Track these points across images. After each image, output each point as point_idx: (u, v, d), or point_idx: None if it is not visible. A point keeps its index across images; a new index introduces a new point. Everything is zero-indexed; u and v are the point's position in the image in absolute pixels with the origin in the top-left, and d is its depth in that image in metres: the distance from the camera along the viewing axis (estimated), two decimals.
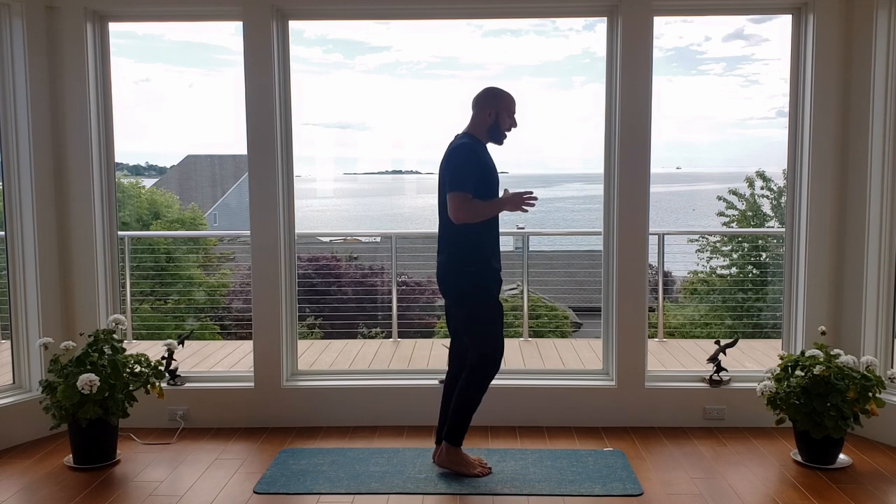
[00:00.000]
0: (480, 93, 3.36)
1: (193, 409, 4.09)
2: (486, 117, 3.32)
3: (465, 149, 3.25)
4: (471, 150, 3.25)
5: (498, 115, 3.32)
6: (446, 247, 3.34)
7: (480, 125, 3.34)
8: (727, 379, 4.10)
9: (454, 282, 3.32)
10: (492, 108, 3.31)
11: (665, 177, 61.43)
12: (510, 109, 3.34)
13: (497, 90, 3.36)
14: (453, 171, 3.21)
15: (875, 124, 3.74)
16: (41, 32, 3.87)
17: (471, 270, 3.27)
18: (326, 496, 3.21)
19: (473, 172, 3.21)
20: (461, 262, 3.28)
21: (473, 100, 3.36)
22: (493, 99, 3.33)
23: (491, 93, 3.35)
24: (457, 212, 3.17)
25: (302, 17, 4.10)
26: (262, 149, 3.98)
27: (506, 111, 3.33)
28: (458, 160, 3.23)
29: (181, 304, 9.74)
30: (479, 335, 3.32)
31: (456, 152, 3.26)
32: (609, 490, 3.24)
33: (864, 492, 3.22)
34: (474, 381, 3.33)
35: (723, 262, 11.73)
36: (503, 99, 3.33)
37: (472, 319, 3.32)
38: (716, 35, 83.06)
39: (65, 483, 3.37)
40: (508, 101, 3.34)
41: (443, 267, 3.35)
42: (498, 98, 3.33)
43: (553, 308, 9.48)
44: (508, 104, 3.34)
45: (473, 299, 3.30)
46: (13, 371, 3.98)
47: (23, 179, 3.88)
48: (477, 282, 3.28)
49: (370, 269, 9.90)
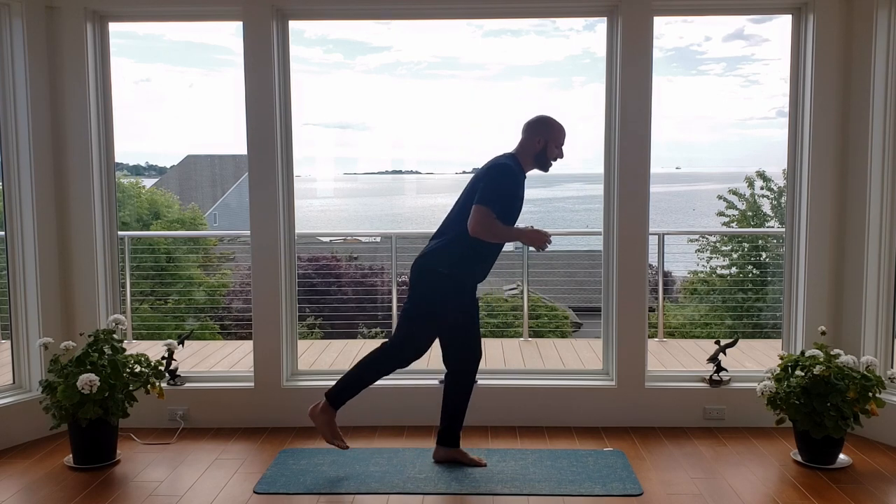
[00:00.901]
0: (533, 119, 3.41)
1: (193, 409, 4.09)
2: (535, 144, 3.36)
3: (507, 171, 3.28)
4: (513, 174, 3.29)
5: (546, 144, 3.37)
6: (442, 239, 3.35)
7: (528, 150, 3.38)
8: (727, 379, 4.10)
9: (423, 270, 3.33)
10: (541, 136, 3.36)
11: (665, 177, 61.40)
12: (559, 140, 3.40)
13: (550, 119, 3.40)
14: (488, 185, 3.23)
15: (875, 124, 3.74)
16: (41, 32, 3.87)
17: (443, 273, 3.29)
18: (326, 496, 3.21)
19: (505, 196, 3.26)
20: (443, 260, 3.30)
21: (525, 124, 3.41)
22: (545, 127, 3.38)
23: (543, 121, 3.39)
24: (476, 224, 3.18)
25: (302, 17, 4.10)
26: (262, 149, 3.98)
27: (554, 141, 3.38)
28: (497, 178, 3.26)
29: (181, 304, 9.75)
30: (405, 328, 3.38)
31: (498, 170, 3.29)
32: (609, 490, 3.24)
33: (864, 492, 3.22)
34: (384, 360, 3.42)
35: (723, 262, 11.74)
36: (554, 129, 3.38)
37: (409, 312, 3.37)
38: (716, 35, 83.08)
39: (65, 483, 3.37)
40: (558, 132, 3.39)
41: (429, 251, 3.36)
42: (549, 128, 3.38)
43: (553, 308, 9.49)
44: (558, 135, 3.39)
45: (424, 298, 3.33)
46: (13, 371, 3.98)
47: (23, 179, 3.88)
48: (442, 285, 3.30)
49: (370, 269, 9.91)
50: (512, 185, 3.28)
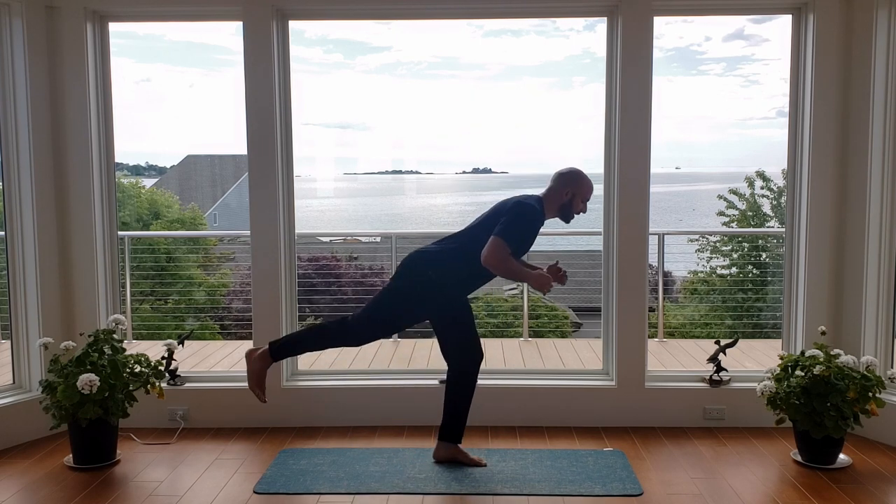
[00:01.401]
0: (566, 170, 3.47)
1: (193, 409, 4.09)
2: (563, 195, 3.44)
3: (532, 214, 3.35)
4: (536, 219, 3.37)
5: (574, 197, 3.44)
6: (446, 246, 3.41)
7: (555, 199, 3.45)
8: (727, 379, 4.10)
9: (416, 267, 3.39)
10: (571, 188, 3.43)
11: (665, 177, 61.43)
12: (586, 196, 3.47)
13: (581, 175, 3.47)
14: (511, 221, 3.29)
15: (875, 124, 3.74)
16: (41, 32, 3.87)
17: (431, 276, 3.34)
18: (326, 496, 3.21)
19: (523, 234, 3.33)
20: (438, 265, 3.35)
21: (557, 173, 3.48)
22: (575, 181, 3.44)
23: (575, 175, 3.46)
24: (491, 256, 3.24)
25: (302, 17, 4.10)
26: (262, 149, 3.98)
27: (581, 196, 3.45)
28: (521, 217, 3.33)
29: (181, 304, 9.75)
30: (373, 310, 3.43)
31: (524, 209, 3.35)
32: (609, 490, 3.24)
33: (864, 492, 3.22)
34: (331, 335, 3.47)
35: (723, 262, 11.74)
36: (584, 185, 3.45)
37: (385, 296, 3.44)
38: (716, 35, 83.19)
39: (65, 483, 3.37)
40: (587, 189, 3.46)
41: (427, 251, 3.43)
42: (579, 182, 3.44)
43: (553, 308, 9.48)
44: (586, 191, 3.46)
45: (405, 294, 3.39)
46: (13, 371, 3.98)
47: (23, 179, 3.88)
48: (425, 289, 3.35)
49: (370, 269, 9.91)
50: (532, 227, 3.37)
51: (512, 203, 3.39)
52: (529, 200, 3.39)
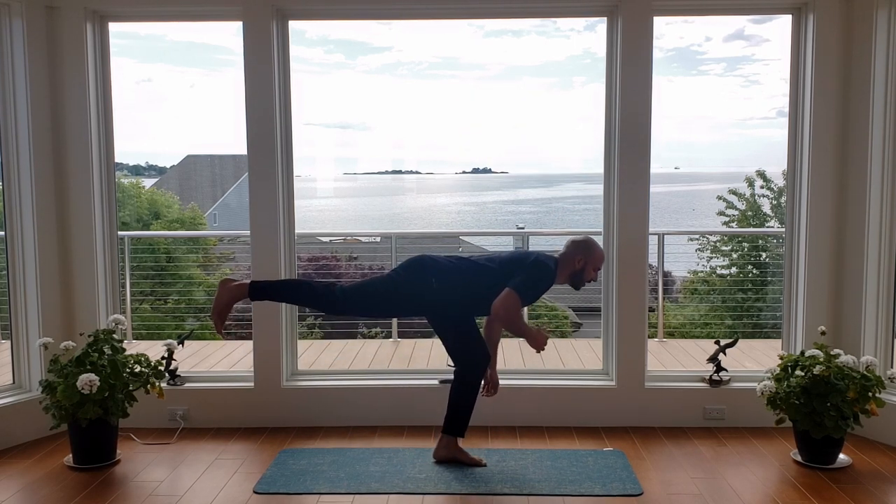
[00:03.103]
0: (580, 239, 3.55)
1: (193, 409, 4.09)
2: (576, 263, 3.49)
3: (549, 275, 3.42)
4: (550, 280, 3.44)
5: (585, 266, 3.49)
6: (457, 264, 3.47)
7: (567, 265, 3.50)
8: (727, 379, 4.10)
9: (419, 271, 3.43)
10: (583, 256, 3.49)
11: (665, 177, 61.47)
12: (597, 265, 3.52)
13: (593, 244, 3.54)
14: (529, 277, 3.36)
15: (875, 124, 3.74)
16: (41, 32, 3.87)
17: (432, 285, 3.38)
18: (326, 496, 3.21)
19: (535, 293, 3.41)
20: (444, 277, 3.39)
21: (570, 241, 3.56)
22: (588, 250, 3.50)
23: (588, 244, 3.53)
24: (503, 307, 3.28)
25: (302, 17, 4.09)
26: (262, 149, 3.98)
27: (592, 265, 3.50)
28: (538, 278, 3.39)
29: (181, 304, 9.75)
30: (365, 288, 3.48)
31: (543, 270, 3.41)
32: (609, 490, 3.24)
33: (864, 492, 3.22)
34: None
35: (723, 262, 11.74)
36: (595, 254, 3.51)
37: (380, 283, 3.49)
38: (716, 35, 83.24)
39: (65, 483, 3.37)
40: (598, 258, 3.52)
41: (434, 260, 3.46)
42: (592, 252, 3.50)
43: (553, 308, 9.49)
44: (598, 260, 3.52)
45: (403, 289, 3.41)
46: (13, 371, 3.98)
47: (23, 179, 3.88)
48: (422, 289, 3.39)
49: (370, 269, 9.91)
50: (544, 288, 3.45)
51: (532, 260, 3.43)
52: (549, 262, 3.44)
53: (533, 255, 3.48)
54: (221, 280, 3.46)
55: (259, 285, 3.45)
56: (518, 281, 3.31)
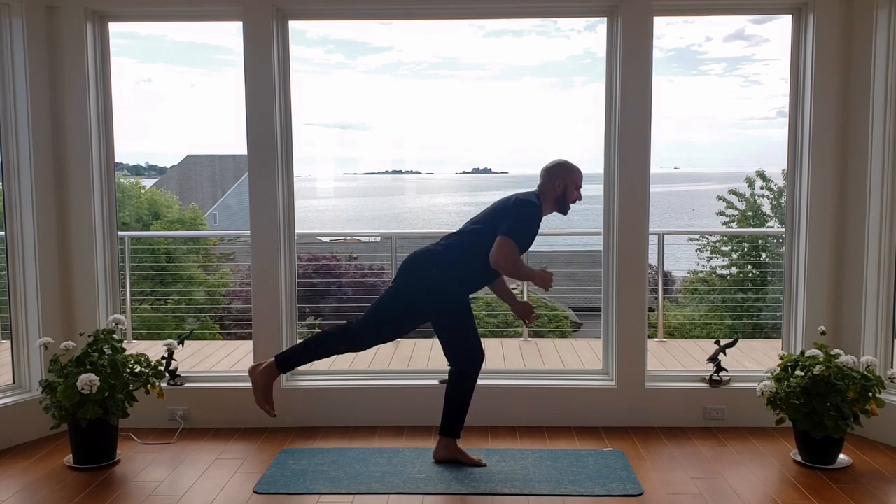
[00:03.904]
0: (552, 164, 3.47)
1: (193, 409, 4.09)
2: (556, 188, 3.44)
3: (535, 210, 3.36)
4: (538, 215, 3.38)
5: (566, 188, 3.44)
6: (448, 245, 3.40)
7: (549, 194, 3.45)
8: (727, 379, 4.10)
9: (418, 266, 3.38)
10: (561, 180, 3.44)
11: (665, 177, 61.43)
12: (577, 184, 3.48)
13: (568, 164, 3.47)
14: (516, 220, 3.30)
15: (875, 124, 3.74)
16: (41, 32, 3.87)
17: (435, 273, 3.34)
18: (326, 496, 3.21)
19: (527, 232, 3.34)
20: (441, 263, 3.34)
21: (543, 169, 3.48)
22: (564, 171, 3.45)
23: (563, 166, 3.46)
24: (500, 255, 3.24)
25: (302, 17, 4.09)
26: (262, 149, 3.98)
27: (573, 185, 3.46)
28: (524, 215, 3.34)
29: (181, 304, 9.75)
30: (376, 312, 3.42)
31: (526, 207, 3.35)
32: (609, 490, 3.24)
33: (864, 492, 3.22)
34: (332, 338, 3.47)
35: (723, 262, 11.74)
36: (573, 172, 3.45)
37: (386, 297, 3.43)
38: (716, 35, 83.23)
39: (65, 483, 3.37)
40: (577, 176, 3.46)
41: (427, 251, 3.41)
42: (568, 171, 3.45)
43: (553, 308, 9.48)
44: (577, 179, 3.46)
45: (410, 292, 3.38)
46: (13, 371, 3.98)
47: (23, 179, 3.88)
48: (430, 281, 3.34)
49: (370, 269, 9.90)
50: (533, 223, 3.37)
51: (514, 201, 3.38)
52: (530, 198, 3.39)
53: (513, 197, 3.41)
54: (249, 369, 3.47)
55: (283, 357, 3.43)
56: (506, 225, 3.26)
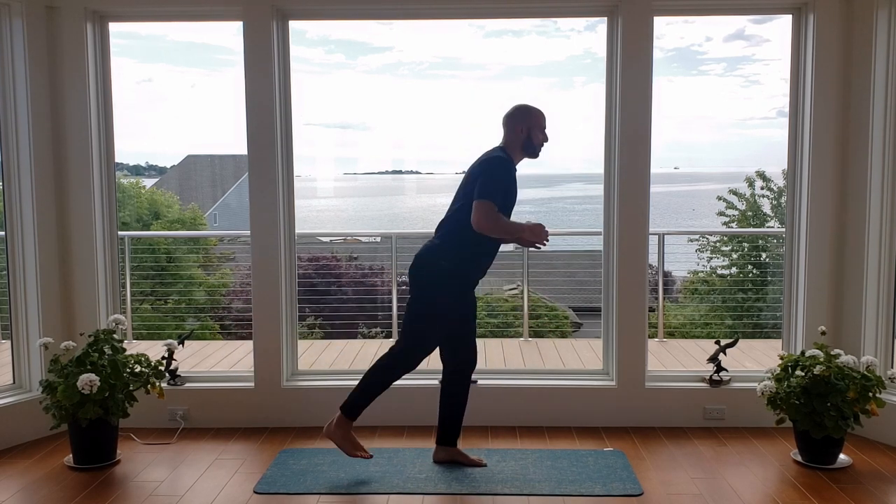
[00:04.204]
0: (510, 110, 3.41)
1: (193, 409, 4.09)
2: (519, 134, 3.37)
3: (502, 163, 3.29)
4: (507, 166, 3.30)
5: (530, 131, 3.37)
6: (441, 236, 3.35)
7: (514, 142, 3.38)
8: (727, 379, 4.10)
9: (425, 264, 3.33)
10: (523, 124, 3.37)
11: (665, 177, 61.43)
12: (541, 124, 3.40)
13: (527, 106, 3.41)
14: (486, 180, 3.23)
15: (875, 124, 3.74)
16: (41, 32, 3.87)
17: (444, 266, 3.28)
18: (326, 496, 3.21)
19: (503, 188, 3.26)
20: (444, 253, 3.29)
21: (504, 118, 3.41)
22: (524, 116, 3.38)
23: (522, 110, 3.40)
24: (481, 219, 3.18)
25: (302, 17, 4.09)
26: (262, 149, 3.98)
27: (537, 126, 3.39)
28: (494, 172, 3.26)
29: (181, 304, 9.75)
30: (411, 327, 3.36)
31: (493, 163, 3.29)
32: (609, 490, 3.24)
33: (864, 492, 3.22)
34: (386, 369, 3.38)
35: (723, 262, 11.74)
36: (533, 115, 3.39)
37: (413, 307, 3.36)
38: (717, 35, 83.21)
39: (65, 483, 3.37)
40: (539, 117, 3.40)
41: (426, 248, 3.36)
42: (528, 114, 3.39)
43: (553, 308, 9.49)
44: (539, 119, 3.40)
45: (427, 290, 3.32)
46: (13, 371, 3.98)
47: (23, 179, 3.88)
48: (441, 277, 3.29)
49: (370, 269, 9.91)
50: (507, 176, 3.28)
51: (480, 163, 3.31)
52: (495, 153, 3.32)
53: (480, 159, 3.34)
54: (323, 432, 3.42)
55: (347, 405, 3.38)
56: (479, 189, 3.19)
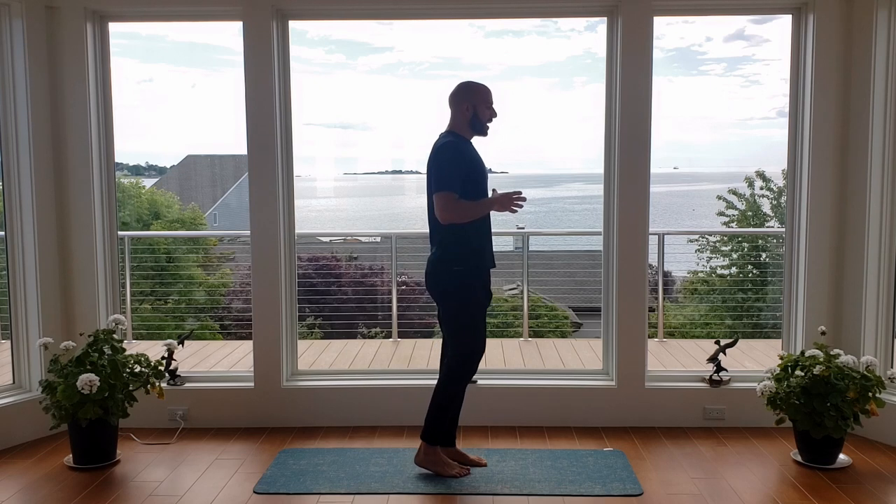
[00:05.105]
0: (454, 90, 3.35)
1: (193, 409, 4.09)
2: (465, 112, 3.31)
3: (450, 147, 3.24)
4: (455, 148, 3.24)
5: (475, 108, 3.31)
6: (437, 243, 3.34)
7: (461, 121, 3.33)
8: (727, 379, 4.10)
9: (440, 278, 3.31)
10: (467, 102, 3.30)
11: (665, 177, 61.41)
12: (487, 100, 3.33)
13: (470, 83, 3.35)
14: (438, 170, 3.21)
15: (875, 124, 3.74)
16: (41, 32, 3.87)
17: (458, 270, 3.27)
18: (326, 496, 3.21)
19: (459, 172, 3.21)
20: (450, 259, 3.28)
21: (449, 98, 3.36)
22: (468, 93, 3.32)
23: (464, 87, 3.34)
24: (443, 212, 3.16)
25: (302, 17, 4.10)
26: (262, 149, 3.98)
27: (483, 103, 3.32)
28: (443, 159, 3.22)
29: (181, 304, 9.75)
30: (458, 336, 3.32)
31: (441, 151, 3.25)
32: (609, 490, 3.24)
33: (864, 492, 3.22)
34: (451, 381, 3.34)
35: (723, 262, 11.73)
36: (478, 91, 3.32)
37: (453, 319, 3.33)
38: (717, 35, 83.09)
39: (65, 483, 3.37)
40: (484, 93, 3.33)
41: (431, 263, 3.35)
42: (472, 91, 3.32)
43: (553, 308, 9.49)
44: (484, 95, 3.33)
45: (456, 299, 3.30)
46: (13, 371, 3.99)
47: (23, 179, 3.89)
48: (462, 280, 3.27)
49: (370, 269, 9.90)
50: (459, 158, 3.22)
51: (433, 153, 3.28)
52: (444, 139, 3.29)
53: (432, 150, 3.30)
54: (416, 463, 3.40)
55: (428, 432, 3.34)
56: (434, 183, 3.17)
